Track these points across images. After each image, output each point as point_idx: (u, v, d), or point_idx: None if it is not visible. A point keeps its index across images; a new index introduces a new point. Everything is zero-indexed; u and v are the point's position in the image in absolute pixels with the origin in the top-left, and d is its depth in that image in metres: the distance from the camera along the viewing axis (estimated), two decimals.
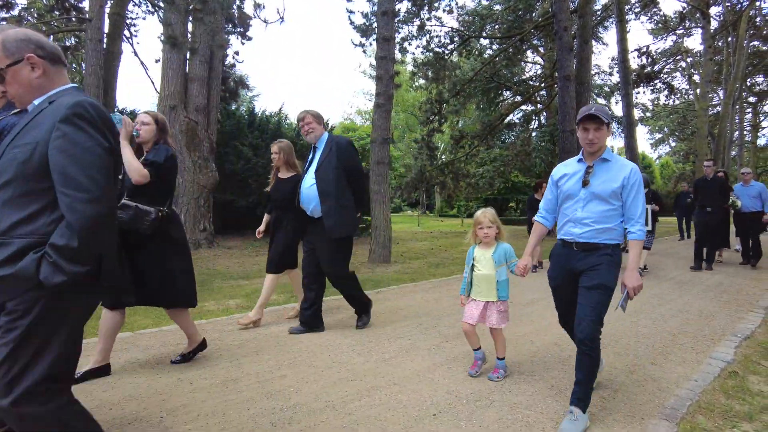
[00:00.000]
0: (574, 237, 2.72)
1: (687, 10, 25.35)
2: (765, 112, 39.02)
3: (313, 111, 4.40)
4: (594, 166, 2.72)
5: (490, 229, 3.19)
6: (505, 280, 3.17)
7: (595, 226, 2.66)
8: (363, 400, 2.85)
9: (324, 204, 4.16)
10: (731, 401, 2.88)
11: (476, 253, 3.25)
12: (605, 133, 2.68)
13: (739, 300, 5.84)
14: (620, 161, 2.74)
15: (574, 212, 2.74)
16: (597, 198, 2.67)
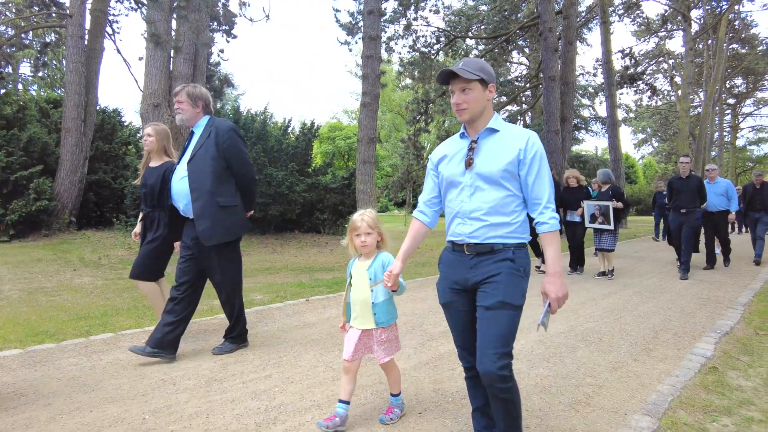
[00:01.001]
0: (464, 237, 2.06)
1: (669, 13, 25.78)
2: (744, 114, 39.86)
3: (191, 87, 3.65)
4: (478, 141, 2.07)
5: (369, 236, 2.53)
6: (385, 301, 2.52)
7: (487, 220, 2.00)
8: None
9: (196, 202, 3.44)
10: (711, 396, 2.93)
11: (353, 268, 2.61)
12: (480, 94, 2.01)
13: (719, 297, 5.95)
14: (513, 130, 2.08)
15: (461, 204, 2.07)
16: (486, 181, 2.01)
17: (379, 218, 2.61)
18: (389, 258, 2.56)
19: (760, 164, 42.73)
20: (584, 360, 3.58)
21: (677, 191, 7.68)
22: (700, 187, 7.49)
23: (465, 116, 2.04)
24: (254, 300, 5.77)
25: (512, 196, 2.02)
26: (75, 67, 11.52)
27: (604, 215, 7.25)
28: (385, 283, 2.28)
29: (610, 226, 7.18)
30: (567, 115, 14.95)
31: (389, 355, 2.53)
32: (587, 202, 7.49)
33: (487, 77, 2.03)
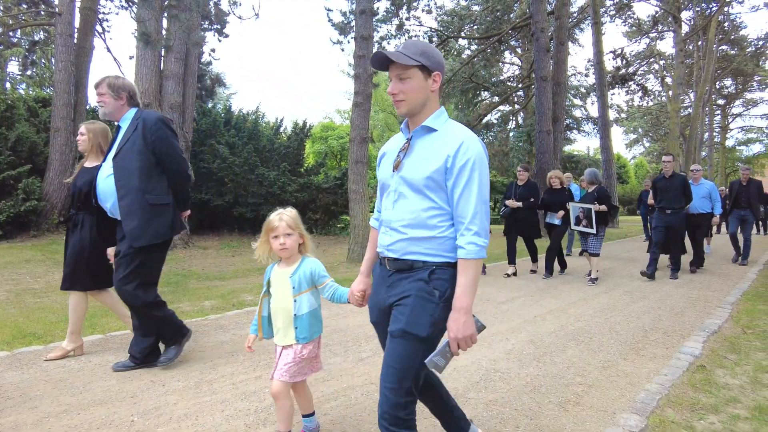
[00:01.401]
0: (384, 250, 1.81)
1: (660, 14, 26.01)
2: (733, 114, 40.28)
3: (113, 77, 3.38)
4: (412, 140, 1.80)
5: (289, 237, 2.23)
6: (309, 314, 2.23)
7: (408, 233, 1.72)
8: (339, 400, 2.84)
9: (122, 200, 3.19)
10: (699, 394, 2.96)
11: (272, 275, 2.33)
12: (420, 83, 1.72)
13: (708, 296, 6.00)
14: (452, 130, 1.75)
15: (386, 211, 1.83)
16: (411, 188, 1.73)
17: (299, 218, 2.33)
18: (318, 267, 2.28)
19: (749, 164, 43.17)
20: (574, 359, 3.60)
21: (662, 191, 7.42)
22: (684, 186, 7.23)
23: (402, 109, 1.76)
24: (245, 300, 5.74)
25: (437, 209, 1.71)
26: (64, 65, 11.40)
27: (587, 218, 6.99)
28: (360, 303, 2.04)
29: (592, 230, 6.92)
30: (559, 115, 15.02)
31: (302, 375, 2.26)
32: (572, 204, 7.30)
33: (431, 63, 1.72)
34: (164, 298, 3.47)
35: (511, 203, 7.49)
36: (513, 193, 7.58)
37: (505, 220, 7.77)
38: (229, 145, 13.10)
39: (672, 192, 7.25)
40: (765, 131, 40.65)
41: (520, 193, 7.50)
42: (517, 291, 6.35)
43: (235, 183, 12.70)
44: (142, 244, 3.18)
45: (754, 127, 41.21)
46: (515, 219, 7.56)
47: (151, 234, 3.21)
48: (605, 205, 6.95)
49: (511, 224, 7.66)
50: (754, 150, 42.67)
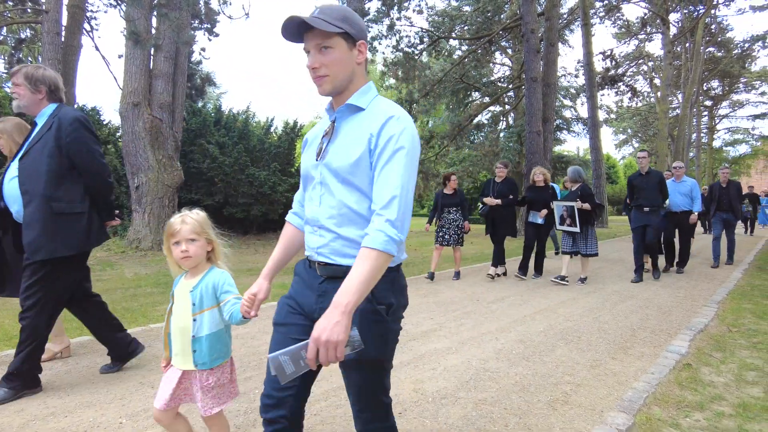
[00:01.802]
0: (313, 253, 1.54)
1: (648, 16, 26.29)
2: (720, 116, 40.80)
3: (33, 67, 3.02)
4: (336, 121, 1.54)
5: (193, 244, 1.90)
6: (211, 336, 1.90)
7: (339, 232, 1.46)
8: (329, 400, 2.84)
9: (27, 207, 2.84)
10: (684, 392, 3.00)
11: (177, 288, 1.98)
12: (344, 54, 1.45)
13: (695, 295, 6.08)
14: (379, 107, 1.48)
15: (311, 207, 1.55)
16: (337, 178, 1.46)
17: (209, 221, 2.02)
18: (224, 277, 1.96)
19: (736, 165, 43.80)
20: (563, 358, 3.63)
21: (638, 189, 7.23)
22: (661, 182, 7.09)
23: (326, 86, 1.47)
24: None
25: (368, 199, 1.44)
26: (51, 64, 11.26)
27: (571, 217, 6.82)
28: (246, 311, 1.68)
29: (576, 228, 6.76)
30: (549, 115, 15.12)
31: (218, 406, 1.92)
32: (556, 203, 7.11)
33: (355, 31, 1.46)
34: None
35: (489, 200, 7.24)
36: (491, 191, 7.34)
37: (486, 219, 7.53)
38: (219, 145, 13.04)
39: (648, 189, 7.08)
40: (751, 132, 41.25)
41: (499, 189, 7.27)
42: (506, 291, 6.39)
43: (225, 183, 12.64)
44: (43, 257, 2.80)
45: (740, 128, 41.85)
46: (493, 217, 7.34)
47: (55, 247, 2.82)
48: (589, 204, 6.76)
49: (491, 224, 7.42)
50: (740, 151, 43.30)
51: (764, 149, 41.19)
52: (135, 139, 10.66)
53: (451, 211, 7.15)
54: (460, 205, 7.18)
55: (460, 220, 7.14)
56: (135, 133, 10.66)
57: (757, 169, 45.17)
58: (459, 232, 7.13)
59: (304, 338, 1.36)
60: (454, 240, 7.10)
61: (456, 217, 7.14)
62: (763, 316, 4.95)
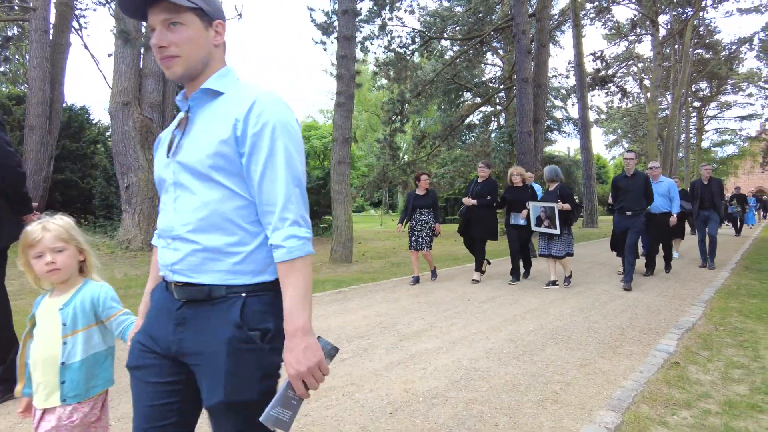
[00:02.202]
0: (167, 271, 1.25)
1: (638, 18, 26.53)
2: (708, 117, 41.28)
3: None
4: (191, 110, 1.29)
5: (60, 254, 1.59)
6: (88, 359, 1.62)
7: (199, 242, 1.19)
8: (320, 401, 2.84)
9: None
10: (672, 390, 3.03)
11: (39, 309, 1.66)
12: (199, 33, 1.23)
13: (683, 294, 6.14)
14: (243, 91, 1.25)
15: (166, 215, 1.28)
16: (193, 175, 1.21)
17: (76, 226, 1.70)
18: (105, 291, 1.67)
19: (724, 165, 44.33)
20: (553, 358, 3.66)
21: (623, 191, 6.86)
22: (646, 185, 6.74)
23: (177, 68, 1.23)
24: None
25: (237, 198, 1.21)
26: (39, 62, 11.16)
27: (549, 218, 6.53)
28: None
29: (556, 230, 6.45)
30: (540, 116, 15.19)
31: None
32: (533, 204, 6.81)
33: (212, 9, 1.26)
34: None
35: (466, 200, 6.97)
36: (471, 191, 7.08)
37: (461, 219, 7.25)
38: None
39: (633, 192, 6.74)
40: (738, 133, 41.78)
41: (478, 190, 6.97)
42: (497, 290, 6.42)
43: None
44: None
45: (728, 129, 42.31)
46: (469, 218, 7.03)
47: None
48: (568, 204, 6.51)
49: (465, 224, 7.11)
50: (728, 151, 43.83)
51: (751, 150, 41.72)
52: (125, 139, 10.58)
53: (423, 213, 6.90)
54: (432, 207, 6.94)
55: (431, 222, 6.90)
56: (125, 133, 10.57)
57: (744, 170, 45.77)
58: (430, 234, 6.91)
59: (163, 380, 1.22)
60: (424, 243, 6.87)
61: (428, 219, 6.90)
62: (749, 314, 5.02)
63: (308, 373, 1.13)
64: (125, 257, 9.59)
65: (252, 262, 1.20)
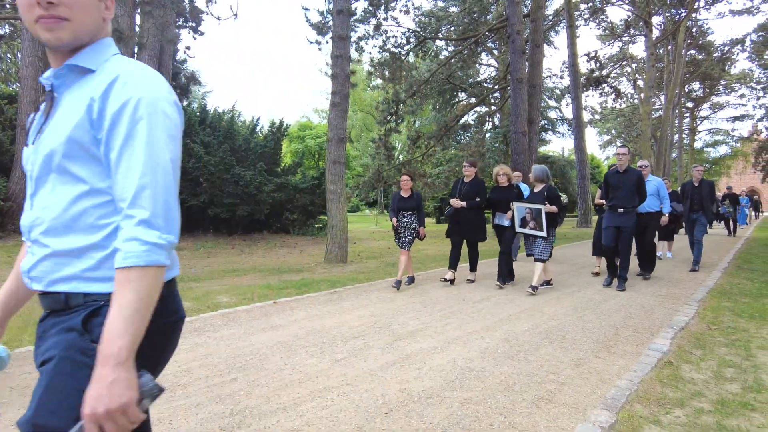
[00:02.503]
0: (26, 278, 1.12)
1: (632, 18, 26.66)
2: (701, 117, 41.58)
3: None
4: (57, 89, 1.11)
5: None
6: None
7: (49, 244, 1.05)
8: (315, 401, 2.83)
9: None
10: (666, 389, 3.05)
11: None
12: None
13: (677, 294, 6.18)
14: (112, 66, 1.08)
15: (26, 212, 1.13)
16: (46, 166, 1.06)
17: None
18: None
19: (716, 165, 44.66)
20: (548, 357, 3.67)
21: (614, 187, 6.55)
22: (639, 182, 6.47)
23: (63, 34, 1.03)
24: (220, 302, 5.67)
25: (93, 192, 1.04)
26: (31, 61, 11.08)
27: (535, 220, 6.26)
28: None
29: (542, 232, 6.20)
30: (534, 116, 15.26)
31: None
32: (518, 204, 6.53)
33: None
34: None
35: (455, 202, 6.71)
36: (458, 192, 6.80)
37: (449, 221, 7.04)
38: (204, 145, 12.92)
39: (625, 189, 6.45)
40: (730, 134, 42.11)
41: (465, 191, 6.71)
42: (492, 290, 6.43)
43: (210, 183, 12.53)
44: None
45: (721, 130, 42.66)
46: (458, 220, 6.79)
47: None
48: (556, 206, 6.29)
49: (453, 225, 6.89)
50: (720, 152, 44.17)
51: (743, 150, 42.06)
52: None
53: (406, 215, 6.67)
54: (417, 209, 6.69)
55: (415, 224, 6.66)
56: None
57: (737, 170, 46.14)
58: (413, 236, 6.67)
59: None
60: (407, 243, 6.64)
61: (411, 221, 6.66)
62: (742, 314, 5.06)
63: (106, 416, 0.90)
64: None
65: (108, 267, 1.03)
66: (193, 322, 4.65)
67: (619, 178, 6.55)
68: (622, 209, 6.45)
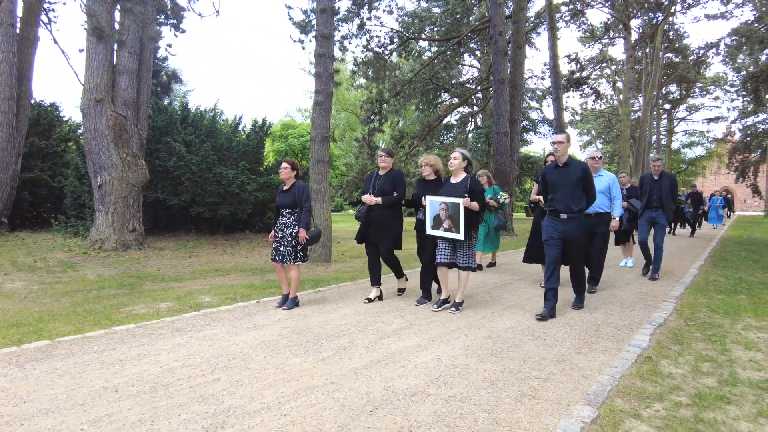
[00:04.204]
0: None
1: (611, 21, 27.12)
2: (678, 119, 42.50)
3: None
4: None
5: None
6: None
7: None
8: (299, 400, 2.82)
9: None
10: (645, 384, 3.11)
11: None
12: None
13: (656, 291, 6.31)
14: None
15: None
16: None
17: None
18: None
19: (693, 166, 45.69)
20: (530, 354, 3.71)
21: (552, 186, 5.07)
22: (585, 178, 4.93)
23: None
24: (203, 302, 5.61)
25: None
26: (5, 56, 10.80)
27: (451, 218, 4.87)
28: None
29: (458, 234, 4.82)
30: (516, 117, 15.41)
31: None
32: (431, 198, 5.09)
33: None
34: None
35: (367, 199, 5.44)
36: (371, 186, 5.55)
37: (360, 223, 5.64)
38: (185, 143, 12.75)
39: (568, 188, 4.93)
40: (705, 135, 43.16)
41: (380, 185, 5.45)
42: (475, 288, 6.48)
43: (192, 182, 12.37)
44: None
45: (696, 131, 43.70)
46: (369, 222, 5.49)
47: None
48: (477, 203, 4.86)
49: (364, 229, 5.56)
50: (696, 152, 45.23)
51: (717, 151, 43.13)
52: (98, 137, 10.32)
53: (285, 214, 5.31)
54: (296, 206, 5.26)
55: (292, 226, 5.24)
56: (98, 131, 10.31)
57: (712, 170, 47.29)
58: (293, 243, 5.22)
59: None
60: (282, 255, 5.23)
61: (289, 221, 5.27)
62: (717, 310, 5.19)
63: None
64: (98, 258, 9.35)
65: None
66: (175, 322, 4.59)
67: (559, 174, 5.03)
68: (566, 214, 4.95)
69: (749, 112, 33.78)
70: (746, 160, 36.64)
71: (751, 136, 35.32)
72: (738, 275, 7.58)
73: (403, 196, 5.53)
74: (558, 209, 5.00)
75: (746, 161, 36.63)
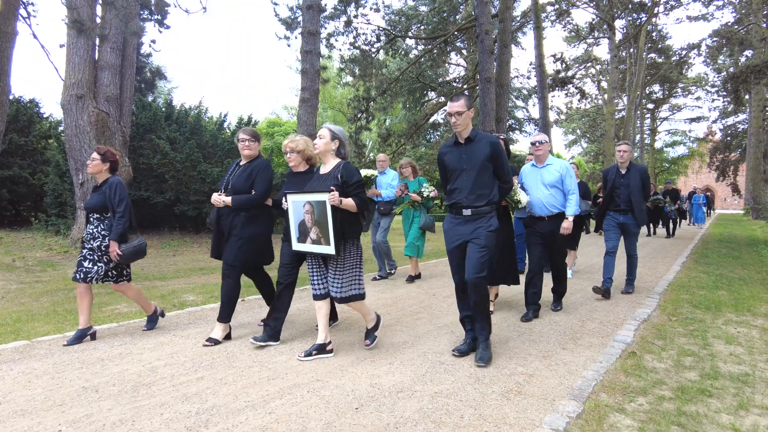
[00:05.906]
0: None
1: (596, 21, 27.40)
2: (661, 118, 43.15)
3: None
4: None
5: None
6: None
7: None
8: (285, 398, 2.79)
9: None
10: (629, 378, 3.13)
11: None
12: None
13: (639, 287, 6.37)
14: None
15: None
16: None
17: None
18: None
19: (675, 165, 46.40)
20: (516, 350, 3.72)
21: (452, 172, 3.65)
22: (496, 157, 3.53)
23: None
24: (187, 301, 5.53)
25: None
26: None
27: (318, 224, 3.45)
28: None
29: (328, 246, 3.39)
30: (502, 116, 15.47)
31: None
32: (293, 198, 3.66)
33: None
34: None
35: (215, 199, 3.99)
36: (224, 181, 4.12)
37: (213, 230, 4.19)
38: (170, 141, 12.57)
39: (470, 174, 3.54)
40: (687, 135, 43.89)
41: (234, 181, 4.03)
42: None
43: (177, 180, 12.20)
44: None
45: (679, 131, 44.43)
46: (220, 228, 4.06)
47: None
48: (353, 200, 3.42)
49: (217, 239, 4.15)
50: (678, 152, 45.96)
51: (699, 151, 43.86)
52: (79, 134, 10.12)
53: (92, 220, 4.11)
54: (106, 210, 4.06)
55: (99, 238, 4.03)
56: (79, 127, 10.11)
57: (694, 169, 48.10)
58: (102, 258, 4.01)
59: None
60: (85, 274, 3.94)
61: (96, 232, 4.06)
62: (699, 305, 5.26)
63: None
64: None
65: None
66: (159, 320, 4.51)
67: (459, 152, 3.61)
68: (468, 210, 3.53)
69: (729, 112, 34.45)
70: (727, 159, 37.29)
71: (731, 135, 35.96)
72: (719, 272, 7.71)
73: (264, 196, 4.04)
74: (459, 203, 3.56)
75: (726, 160, 37.28)
